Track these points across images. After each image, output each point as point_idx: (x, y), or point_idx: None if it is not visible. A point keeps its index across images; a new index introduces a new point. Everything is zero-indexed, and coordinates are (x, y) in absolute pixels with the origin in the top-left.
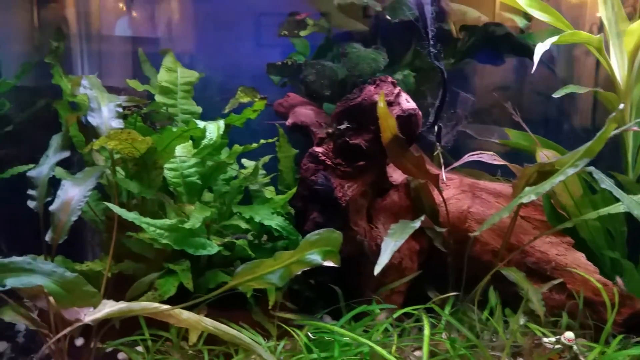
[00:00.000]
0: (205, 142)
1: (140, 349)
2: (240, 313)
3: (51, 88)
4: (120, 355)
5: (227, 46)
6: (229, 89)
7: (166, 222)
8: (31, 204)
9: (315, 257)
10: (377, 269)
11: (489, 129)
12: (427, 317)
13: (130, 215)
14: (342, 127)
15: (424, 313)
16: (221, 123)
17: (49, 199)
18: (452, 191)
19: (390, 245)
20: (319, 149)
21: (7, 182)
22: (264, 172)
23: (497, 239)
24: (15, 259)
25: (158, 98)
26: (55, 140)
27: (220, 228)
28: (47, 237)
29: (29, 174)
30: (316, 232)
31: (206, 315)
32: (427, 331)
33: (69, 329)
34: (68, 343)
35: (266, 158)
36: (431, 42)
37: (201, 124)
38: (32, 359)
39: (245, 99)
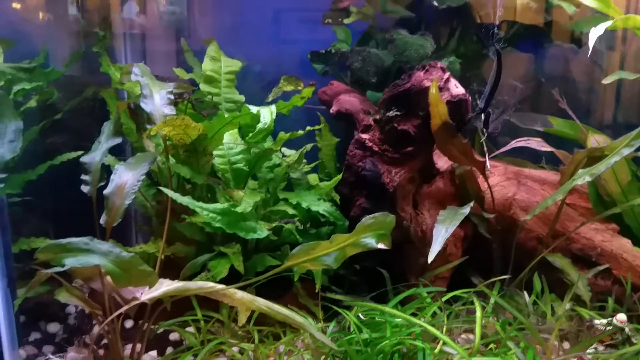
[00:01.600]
0: (260, 126)
1: (191, 329)
2: (286, 297)
3: (96, 77)
4: (172, 335)
5: (267, 35)
6: (269, 79)
7: (218, 206)
8: (85, 188)
9: (369, 240)
10: (431, 257)
11: (532, 117)
12: (478, 299)
13: (185, 200)
14: (391, 113)
15: (475, 296)
16: (273, 108)
17: (102, 183)
18: (497, 178)
19: (442, 232)
20: (365, 136)
21: (56, 169)
22: (305, 160)
23: (542, 226)
24: (72, 239)
25: (203, 87)
26: (107, 126)
27: (267, 213)
28: (102, 220)
29: (82, 159)
30: (371, 215)
31: None
32: (479, 312)
33: (125, 307)
34: (119, 325)
35: (308, 146)
36: (489, 27)
37: (254, 108)
38: (84, 339)
39: (289, 88)
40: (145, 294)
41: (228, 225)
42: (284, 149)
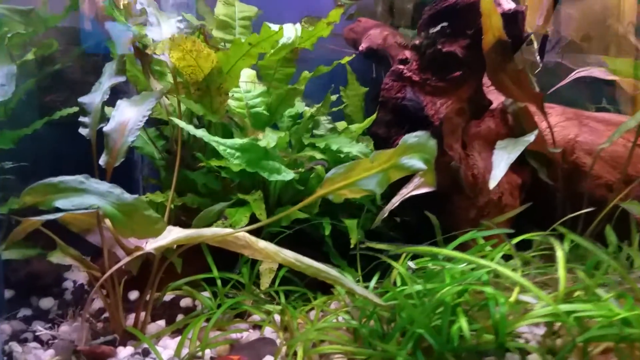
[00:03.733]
0: (283, 41)
1: (206, 294)
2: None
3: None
4: (184, 302)
5: None
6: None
7: (238, 141)
8: (83, 131)
9: (415, 162)
10: (492, 183)
11: (584, 59)
12: (556, 241)
13: (199, 132)
14: (436, 29)
15: (554, 238)
16: (298, 26)
17: (102, 125)
18: (555, 119)
19: (504, 157)
20: (401, 66)
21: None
22: (329, 117)
23: (611, 172)
24: (65, 178)
25: (216, 33)
26: (109, 66)
27: (291, 162)
28: (102, 161)
29: (81, 99)
30: (414, 134)
31: None
32: (560, 253)
33: (127, 259)
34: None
35: (332, 97)
36: None
37: (275, 26)
38: (80, 312)
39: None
40: (152, 243)
41: (249, 162)
42: (299, 105)
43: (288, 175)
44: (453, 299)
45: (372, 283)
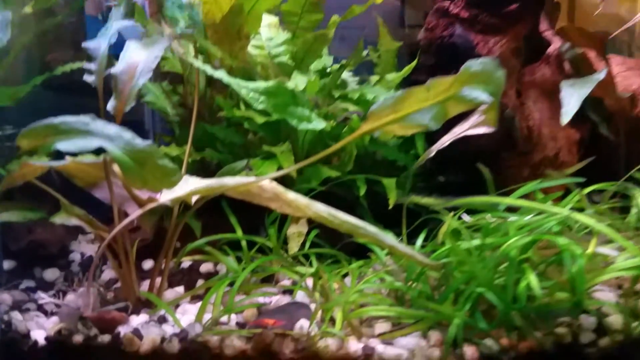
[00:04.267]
0: None
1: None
2: None
3: None
4: (204, 267)
5: None
6: None
7: (262, 83)
8: (88, 78)
9: (478, 94)
10: (565, 119)
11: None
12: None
13: (218, 73)
14: None
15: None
16: None
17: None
18: (615, 69)
19: (574, 93)
20: (447, 1)
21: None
22: (356, 77)
23: None
24: (68, 118)
25: None
26: (116, 9)
27: (321, 116)
28: (110, 106)
29: (86, 44)
30: (479, 60)
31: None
32: None
33: (139, 211)
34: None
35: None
36: None
37: None
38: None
39: None
40: (167, 193)
41: (275, 107)
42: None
43: (319, 124)
44: (519, 253)
45: (419, 242)
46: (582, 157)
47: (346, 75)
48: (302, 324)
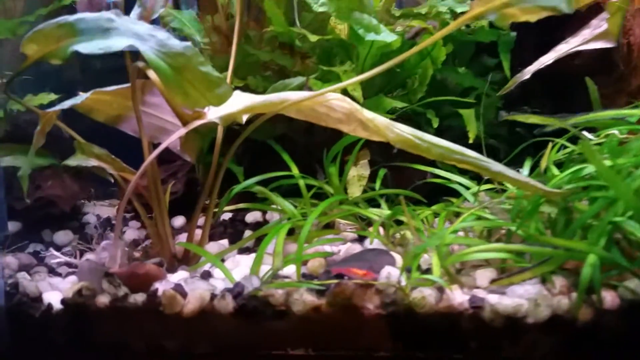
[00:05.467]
0: None
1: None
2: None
3: None
4: (251, 216)
5: None
6: None
7: None
8: None
9: None
10: None
11: None
12: None
13: None
14: None
15: None
16: None
17: None
18: None
19: None
20: None
21: None
22: None
23: None
24: (86, 15)
25: None
26: None
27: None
28: (134, 13)
29: None
30: None
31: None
32: None
33: (181, 130)
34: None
35: None
36: None
37: None
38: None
39: None
40: (216, 110)
41: (339, 12)
42: None
43: (389, 36)
44: None
45: (525, 171)
46: None
47: None
48: (389, 272)
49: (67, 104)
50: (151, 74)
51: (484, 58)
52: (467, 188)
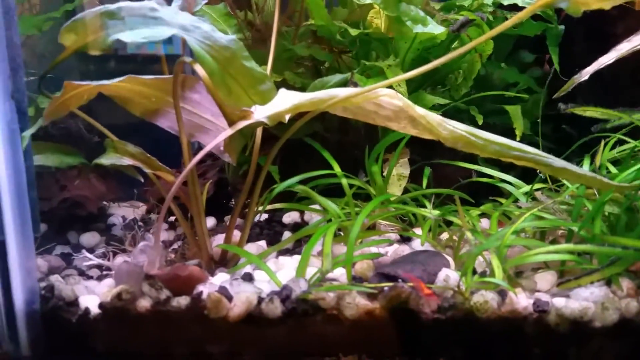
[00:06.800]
0: None
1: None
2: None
3: None
4: (288, 217)
5: None
6: None
7: None
8: None
9: None
10: None
11: None
12: None
13: None
14: None
15: None
16: None
17: None
18: None
19: None
20: None
21: None
22: None
23: None
24: (127, 4)
25: None
26: None
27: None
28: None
29: None
30: None
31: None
32: None
33: (229, 131)
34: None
35: None
36: None
37: None
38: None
39: None
40: (263, 109)
41: (385, 3)
42: None
43: (436, 28)
44: None
45: (586, 167)
46: None
47: None
48: (447, 275)
49: (103, 82)
50: (198, 68)
51: (522, 53)
52: (515, 187)
